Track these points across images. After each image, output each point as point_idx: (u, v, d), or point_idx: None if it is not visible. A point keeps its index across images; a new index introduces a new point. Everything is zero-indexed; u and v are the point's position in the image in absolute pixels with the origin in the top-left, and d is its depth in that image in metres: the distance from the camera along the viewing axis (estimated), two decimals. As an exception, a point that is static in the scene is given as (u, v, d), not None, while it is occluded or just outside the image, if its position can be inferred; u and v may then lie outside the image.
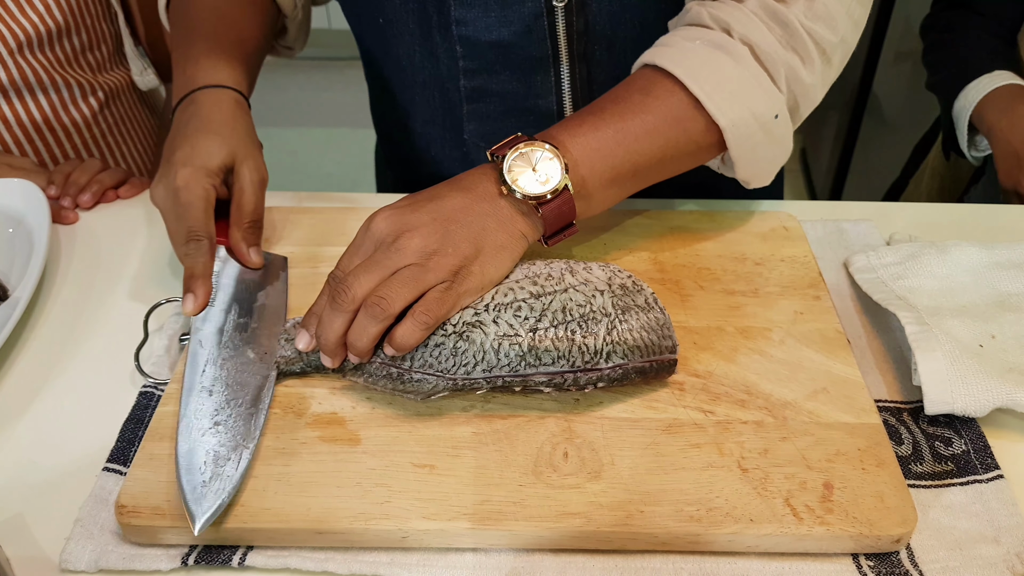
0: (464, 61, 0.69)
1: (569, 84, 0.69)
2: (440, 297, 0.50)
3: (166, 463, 0.47)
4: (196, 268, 0.56)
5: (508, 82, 0.70)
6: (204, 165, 0.59)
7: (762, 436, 0.49)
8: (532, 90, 0.70)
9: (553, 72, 0.69)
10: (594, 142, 0.55)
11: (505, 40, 0.67)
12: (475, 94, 0.71)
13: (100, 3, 0.91)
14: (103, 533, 0.46)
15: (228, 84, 0.64)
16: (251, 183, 0.61)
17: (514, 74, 0.69)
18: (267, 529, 0.45)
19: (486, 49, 0.68)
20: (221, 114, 0.62)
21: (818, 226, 0.68)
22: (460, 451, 0.48)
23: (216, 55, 0.66)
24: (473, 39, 0.67)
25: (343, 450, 0.48)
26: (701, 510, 0.45)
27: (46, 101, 0.86)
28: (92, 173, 0.76)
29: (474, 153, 0.75)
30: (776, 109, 0.57)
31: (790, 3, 0.56)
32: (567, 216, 0.54)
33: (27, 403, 0.55)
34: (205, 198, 0.58)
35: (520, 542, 0.45)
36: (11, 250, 0.67)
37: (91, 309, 0.63)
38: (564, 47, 0.67)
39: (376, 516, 0.45)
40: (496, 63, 0.68)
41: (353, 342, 0.49)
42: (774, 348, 0.55)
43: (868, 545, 0.44)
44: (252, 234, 0.61)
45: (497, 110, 0.72)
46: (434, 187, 0.54)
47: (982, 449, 0.49)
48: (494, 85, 0.70)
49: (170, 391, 0.52)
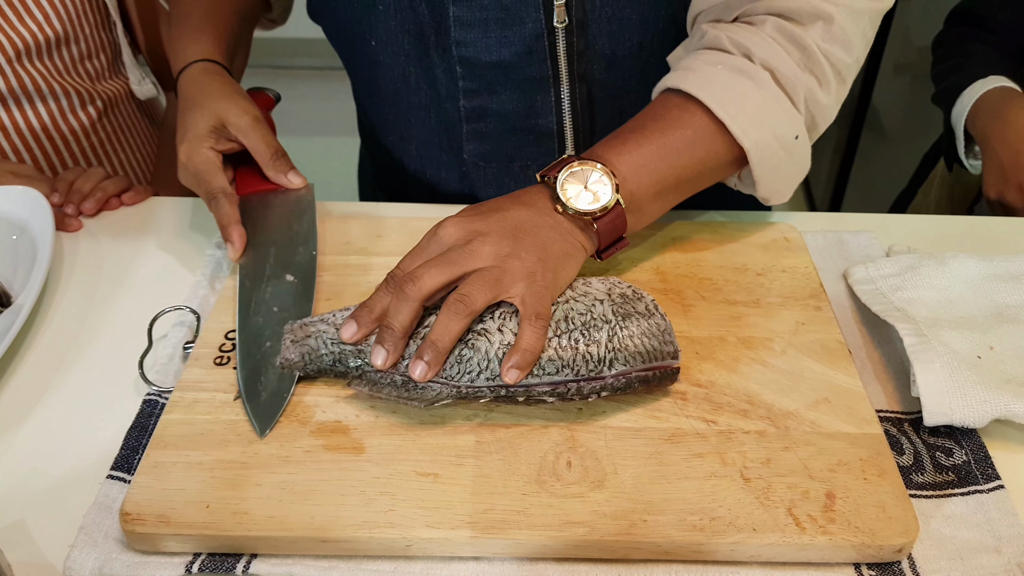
0: (464, 81, 0.69)
1: (569, 103, 0.70)
2: (540, 292, 0.51)
3: (171, 471, 0.48)
4: (222, 219, 0.62)
5: (508, 102, 0.70)
6: (195, 135, 0.64)
7: (764, 446, 0.49)
8: (532, 110, 0.71)
9: (553, 92, 0.69)
10: (639, 158, 0.57)
11: (506, 61, 0.67)
12: (475, 114, 0.72)
13: (99, 12, 0.91)
14: (107, 540, 0.46)
15: (198, 57, 0.69)
16: (245, 126, 0.65)
17: (514, 94, 0.70)
18: (271, 537, 0.45)
19: (486, 69, 0.68)
20: (194, 86, 0.67)
21: (819, 237, 0.69)
22: (464, 460, 0.49)
23: (189, 34, 0.71)
24: (473, 60, 0.68)
25: (347, 458, 0.49)
26: (704, 519, 0.45)
27: (44, 109, 0.87)
28: (96, 181, 0.76)
29: (473, 172, 0.76)
30: (796, 130, 0.58)
31: (808, 26, 0.57)
32: (619, 229, 0.56)
33: (30, 409, 0.55)
34: (207, 160, 0.64)
35: (524, 551, 0.45)
36: (15, 257, 0.67)
37: (94, 316, 0.63)
38: (564, 67, 0.68)
39: (380, 524, 0.45)
40: (496, 83, 0.69)
41: (436, 340, 0.50)
42: (776, 358, 0.55)
43: (870, 555, 0.45)
44: (278, 162, 0.65)
45: (497, 130, 0.73)
46: (494, 200, 0.56)
47: (983, 459, 0.50)
48: (494, 105, 0.71)
49: (175, 399, 0.52)
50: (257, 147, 0.65)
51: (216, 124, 0.64)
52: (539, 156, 0.74)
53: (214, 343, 0.56)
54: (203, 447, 0.49)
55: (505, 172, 0.76)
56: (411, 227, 0.66)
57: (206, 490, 0.47)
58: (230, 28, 0.74)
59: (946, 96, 0.95)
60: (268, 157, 0.65)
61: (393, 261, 0.55)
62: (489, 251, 0.52)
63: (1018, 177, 0.84)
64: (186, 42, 0.70)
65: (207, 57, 0.69)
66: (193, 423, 0.50)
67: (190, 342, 0.57)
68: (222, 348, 0.56)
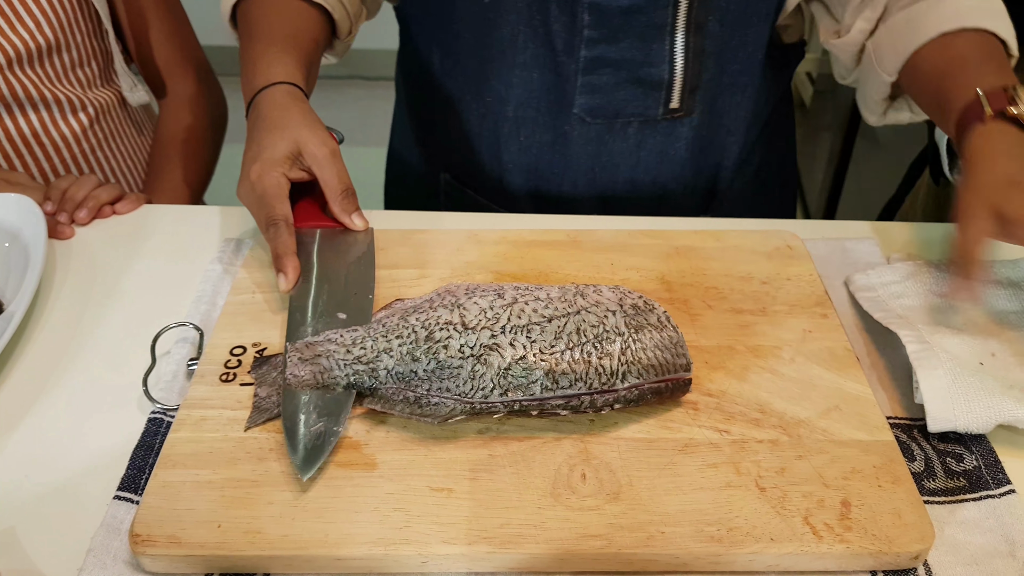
0: (588, 30, 0.72)
1: (682, 53, 0.73)
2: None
3: (180, 490, 0.47)
4: (279, 248, 0.60)
5: (627, 50, 0.73)
6: (270, 157, 0.62)
7: (778, 455, 0.49)
8: (648, 58, 0.73)
9: (668, 41, 0.72)
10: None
11: (635, 6, 0.70)
12: (593, 64, 0.74)
13: (91, 20, 0.90)
14: (116, 563, 0.45)
15: (280, 79, 0.66)
16: (322, 158, 0.63)
17: (635, 42, 0.73)
18: (284, 556, 0.44)
19: (615, 15, 0.71)
20: (277, 108, 0.64)
21: (820, 245, 0.69)
22: (477, 474, 0.48)
23: (273, 53, 0.68)
24: (604, 6, 0.70)
25: (360, 475, 0.48)
26: (721, 530, 0.45)
27: (35, 117, 0.86)
28: (89, 189, 0.75)
29: (575, 130, 0.78)
30: None
31: None
32: None
33: (21, 417, 0.55)
34: (276, 185, 0.62)
35: (541, 565, 0.45)
36: (7, 264, 0.66)
37: (86, 324, 0.62)
38: (683, 15, 0.71)
39: (396, 541, 0.45)
40: (620, 30, 0.72)
41: None
42: (785, 366, 0.55)
43: (887, 562, 0.45)
44: (346, 201, 0.64)
45: (611, 81, 0.75)
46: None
47: (993, 464, 0.50)
48: (613, 54, 0.73)
49: (181, 416, 0.51)
50: (331, 181, 0.63)
51: (294, 150, 0.62)
52: (644, 110, 0.76)
53: (219, 359, 0.55)
54: (212, 465, 0.48)
55: (606, 129, 0.78)
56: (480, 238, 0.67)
57: (217, 509, 0.46)
58: (311, 56, 0.72)
59: None
60: (339, 193, 0.63)
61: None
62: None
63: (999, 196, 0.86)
64: (270, 60, 0.67)
65: (291, 81, 0.67)
66: (201, 441, 0.49)
67: (194, 359, 0.56)
68: (228, 365, 0.55)
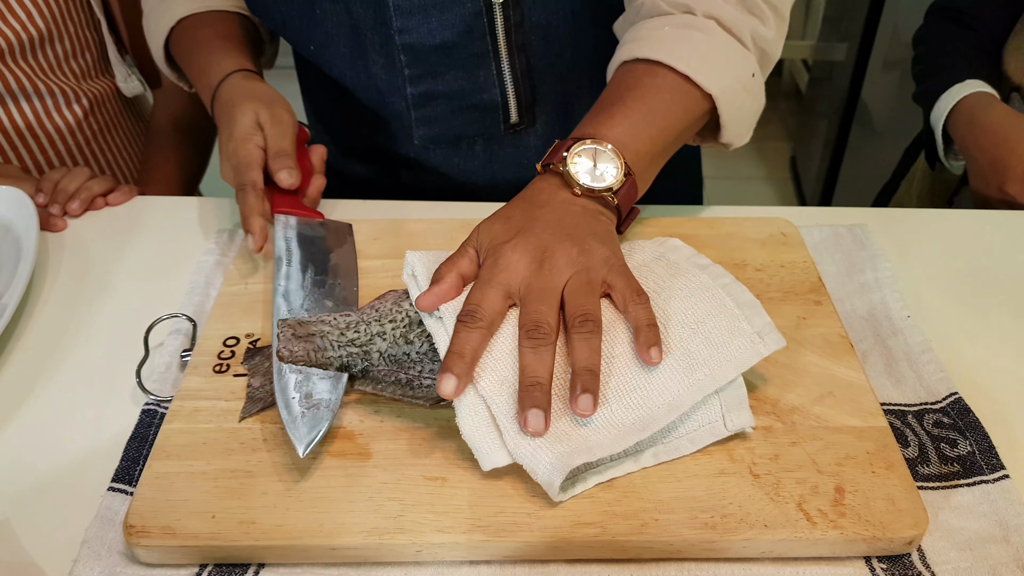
0: (408, 69, 0.73)
1: (511, 75, 0.73)
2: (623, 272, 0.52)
3: (174, 481, 0.47)
4: (245, 209, 0.63)
5: (454, 81, 0.73)
6: (240, 133, 0.66)
7: (772, 441, 0.49)
8: (477, 86, 0.74)
9: (495, 66, 0.73)
10: (630, 127, 0.57)
11: (449, 41, 0.70)
12: (422, 99, 0.75)
13: (83, 11, 0.89)
14: (111, 554, 0.45)
15: (233, 69, 0.71)
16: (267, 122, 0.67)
17: (459, 73, 0.73)
18: (279, 546, 0.44)
19: (430, 53, 0.71)
20: (237, 90, 0.69)
21: (814, 231, 0.69)
22: (471, 463, 0.48)
23: (217, 53, 0.73)
24: (417, 46, 0.71)
25: (353, 464, 0.48)
26: (715, 517, 0.45)
27: (29, 108, 0.85)
28: (81, 180, 0.75)
29: (423, 155, 0.80)
30: (751, 68, 0.61)
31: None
32: (633, 198, 0.58)
33: (14, 409, 0.55)
34: (248, 154, 0.65)
35: (535, 553, 0.45)
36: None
37: (79, 316, 0.62)
38: (503, 40, 0.71)
39: (390, 530, 0.45)
40: (440, 65, 0.72)
41: (590, 367, 0.47)
42: (779, 353, 0.55)
43: (881, 548, 0.45)
44: (276, 160, 0.66)
45: (445, 111, 0.76)
46: (511, 207, 0.55)
47: (987, 450, 0.50)
48: (440, 87, 0.74)
49: (175, 408, 0.51)
50: (269, 143, 0.66)
51: (256, 119, 0.67)
52: (485, 131, 0.77)
53: (212, 351, 0.55)
54: (206, 456, 0.48)
55: (453, 152, 0.79)
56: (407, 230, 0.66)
57: (211, 500, 0.46)
58: (252, 48, 0.78)
59: (924, 99, 0.96)
60: (274, 151, 0.66)
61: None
62: (563, 262, 0.51)
63: (997, 180, 0.85)
64: (217, 60, 0.72)
65: (243, 67, 0.72)
66: (195, 432, 0.49)
67: (187, 350, 0.56)
68: (221, 356, 0.55)
